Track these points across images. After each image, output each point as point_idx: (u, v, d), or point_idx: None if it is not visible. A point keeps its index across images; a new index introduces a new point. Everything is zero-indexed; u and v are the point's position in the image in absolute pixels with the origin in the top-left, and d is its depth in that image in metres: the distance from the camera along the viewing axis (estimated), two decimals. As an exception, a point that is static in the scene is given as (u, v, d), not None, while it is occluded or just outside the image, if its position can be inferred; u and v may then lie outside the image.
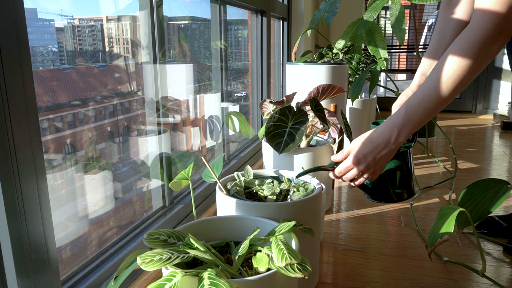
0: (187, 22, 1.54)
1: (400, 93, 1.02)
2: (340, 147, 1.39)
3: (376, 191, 0.93)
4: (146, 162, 1.20)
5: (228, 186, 1.04)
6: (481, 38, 0.68)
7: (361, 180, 0.86)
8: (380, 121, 1.00)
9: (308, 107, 1.31)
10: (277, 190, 1.02)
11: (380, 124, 0.82)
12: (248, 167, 1.10)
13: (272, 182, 1.07)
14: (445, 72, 0.72)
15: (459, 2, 0.95)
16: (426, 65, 1.00)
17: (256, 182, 1.09)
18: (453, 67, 0.71)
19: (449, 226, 0.86)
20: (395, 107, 0.98)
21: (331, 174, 0.90)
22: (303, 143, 1.43)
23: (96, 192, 1.02)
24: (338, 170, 0.87)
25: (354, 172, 0.85)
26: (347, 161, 0.85)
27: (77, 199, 0.96)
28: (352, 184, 0.89)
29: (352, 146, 0.85)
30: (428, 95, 0.74)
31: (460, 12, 0.94)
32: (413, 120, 0.77)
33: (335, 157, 0.88)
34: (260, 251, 0.73)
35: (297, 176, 0.95)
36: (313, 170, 0.91)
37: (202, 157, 0.97)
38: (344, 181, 0.89)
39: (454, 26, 0.95)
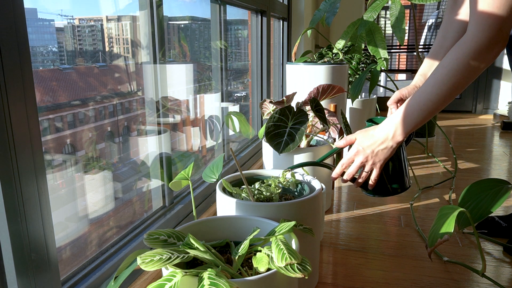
0: (187, 22, 1.54)
1: None
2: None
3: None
4: (146, 162, 1.20)
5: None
6: (475, 49, 0.72)
7: (364, 176, 0.89)
8: (375, 118, 1.02)
9: (308, 107, 1.31)
10: (277, 190, 1.02)
11: (382, 121, 0.87)
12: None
13: (272, 182, 1.07)
14: (440, 79, 0.77)
15: (463, 4, 0.95)
16: (426, 66, 1.01)
17: (256, 183, 1.09)
18: (448, 74, 0.76)
19: (449, 226, 0.86)
20: (389, 104, 1.02)
21: (333, 174, 0.93)
22: (303, 143, 1.43)
23: (96, 192, 1.02)
24: (342, 162, 0.91)
25: (355, 164, 0.88)
26: (349, 152, 0.89)
27: (77, 199, 0.96)
28: (345, 179, 0.91)
29: (353, 137, 0.90)
30: (425, 98, 0.79)
31: (464, 14, 0.94)
32: (410, 120, 0.82)
33: (338, 143, 0.93)
34: (260, 251, 0.73)
35: (294, 167, 0.98)
36: (312, 164, 0.94)
37: (231, 148, 0.97)
38: (345, 181, 0.92)
39: (457, 28, 0.96)
